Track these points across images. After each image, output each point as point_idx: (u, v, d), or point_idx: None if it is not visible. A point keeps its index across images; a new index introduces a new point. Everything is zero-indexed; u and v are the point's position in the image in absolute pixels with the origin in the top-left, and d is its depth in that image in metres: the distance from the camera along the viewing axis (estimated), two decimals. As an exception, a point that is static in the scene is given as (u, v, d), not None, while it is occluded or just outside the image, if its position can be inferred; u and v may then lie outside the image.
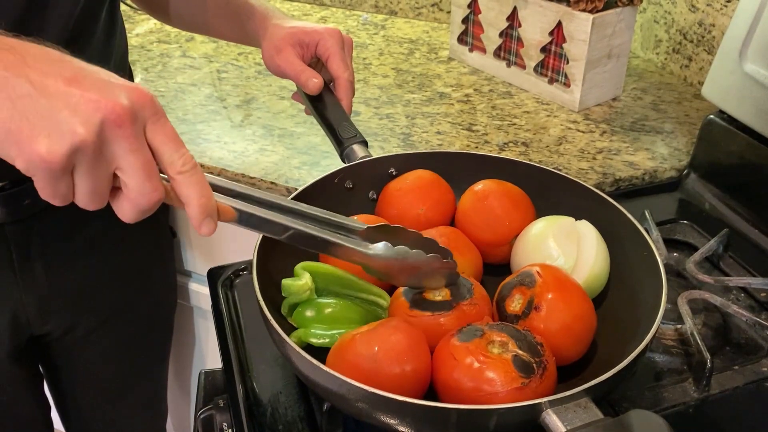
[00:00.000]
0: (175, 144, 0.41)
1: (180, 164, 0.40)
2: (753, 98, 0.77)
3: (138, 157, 0.39)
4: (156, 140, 0.40)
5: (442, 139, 0.95)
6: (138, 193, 0.39)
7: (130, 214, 0.41)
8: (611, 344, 0.57)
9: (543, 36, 1.01)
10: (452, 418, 0.45)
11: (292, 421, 0.58)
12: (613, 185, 0.87)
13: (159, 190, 0.40)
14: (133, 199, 0.40)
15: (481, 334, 0.50)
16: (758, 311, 0.68)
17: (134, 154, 0.39)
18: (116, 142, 0.38)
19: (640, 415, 0.43)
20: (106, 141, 0.38)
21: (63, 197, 0.39)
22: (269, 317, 0.51)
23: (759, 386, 0.60)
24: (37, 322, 0.80)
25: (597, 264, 0.61)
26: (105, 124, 0.38)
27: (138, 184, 0.39)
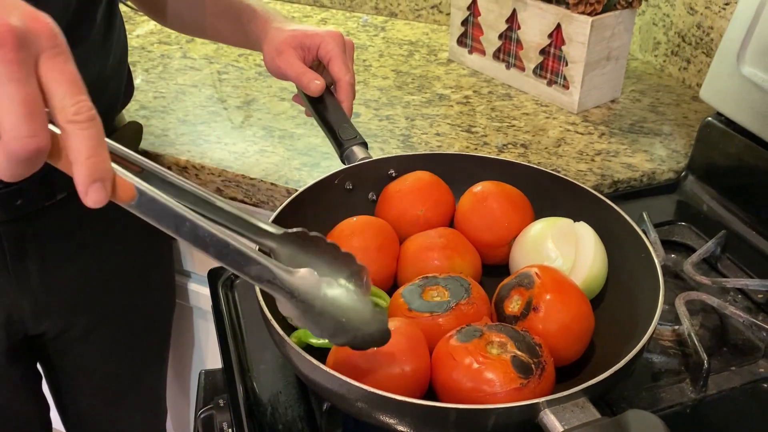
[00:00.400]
0: (72, 87, 0.34)
1: (72, 111, 0.34)
2: (750, 101, 0.77)
3: (17, 88, 0.32)
4: (48, 77, 0.33)
5: (442, 141, 0.95)
6: (12, 136, 0.32)
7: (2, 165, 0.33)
8: (609, 345, 0.57)
9: (542, 38, 1.02)
10: (451, 418, 0.45)
11: (292, 420, 0.58)
12: (612, 187, 0.87)
13: (39, 136, 0.33)
14: (6, 142, 0.32)
15: (480, 335, 0.50)
16: (755, 313, 0.68)
17: (12, 84, 0.32)
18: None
19: (636, 415, 0.43)
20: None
21: None
22: (269, 317, 0.51)
23: (755, 387, 0.60)
24: (32, 322, 0.80)
25: (595, 265, 0.62)
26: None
27: (13, 122, 0.32)
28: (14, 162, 0.33)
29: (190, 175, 0.90)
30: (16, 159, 0.33)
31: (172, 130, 0.96)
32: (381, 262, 0.63)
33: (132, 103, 1.02)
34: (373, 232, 0.64)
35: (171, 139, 0.94)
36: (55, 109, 0.33)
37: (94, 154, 0.34)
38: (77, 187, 0.34)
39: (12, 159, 0.33)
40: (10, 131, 0.32)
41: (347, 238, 0.63)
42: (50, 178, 0.73)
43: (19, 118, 0.32)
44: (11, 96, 0.32)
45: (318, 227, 0.65)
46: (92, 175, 0.34)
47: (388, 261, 0.63)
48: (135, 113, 1.01)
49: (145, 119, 0.99)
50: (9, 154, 0.32)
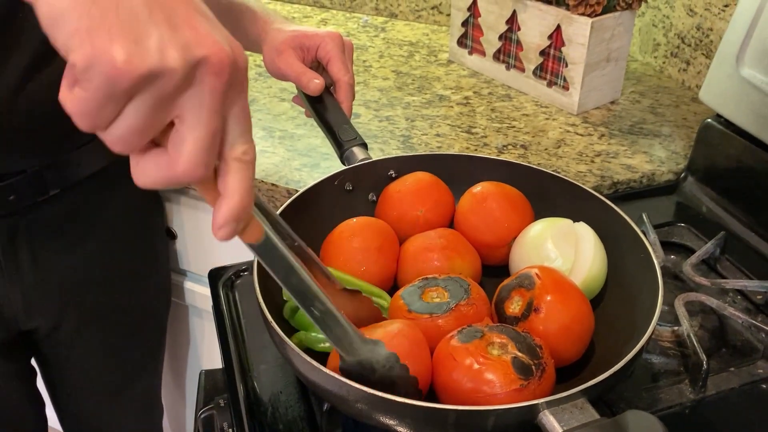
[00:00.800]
0: (247, 126, 0.34)
1: (242, 150, 0.34)
2: (750, 102, 0.77)
3: (213, 119, 0.32)
4: (231, 112, 0.33)
5: (442, 142, 0.95)
6: (185, 161, 0.32)
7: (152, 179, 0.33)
8: (608, 346, 0.57)
9: (542, 39, 1.02)
10: (450, 419, 0.45)
11: (293, 420, 0.58)
12: (611, 188, 0.87)
13: (208, 168, 0.33)
14: (174, 163, 0.32)
15: (481, 336, 0.51)
16: (754, 314, 0.68)
17: (211, 115, 0.32)
18: (201, 92, 0.31)
19: (635, 416, 0.44)
20: (193, 84, 0.31)
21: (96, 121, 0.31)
22: (270, 319, 0.51)
23: (754, 388, 0.61)
24: (24, 317, 0.81)
25: (594, 266, 0.62)
26: (204, 64, 0.31)
27: (192, 149, 0.32)
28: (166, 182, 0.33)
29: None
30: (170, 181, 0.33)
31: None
32: (381, 262, 0.63)
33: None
34: (373, 233, 0.64)
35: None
36: (226, 143, 0.34)
37: (246, 195, 0.34)
38: (216, 219, 0.34)
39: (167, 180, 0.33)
40: (185, 155, 0.32)
41: (347, 239, 0.64)
42: (43, 174, 0.73)
43: (201, 146, 0.32)
44: (203, 124, 0.32)
45: (318, 228, 0.65)
46: (237, 214, 0.34)
47: (389, 262, 0.64)
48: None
49: (146, 120, 0.99)
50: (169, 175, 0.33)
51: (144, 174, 0.33)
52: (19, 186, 0.71)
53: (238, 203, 0.34)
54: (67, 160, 0.75)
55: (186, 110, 0.32)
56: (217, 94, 0.32)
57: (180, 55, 0.30)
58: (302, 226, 0.62)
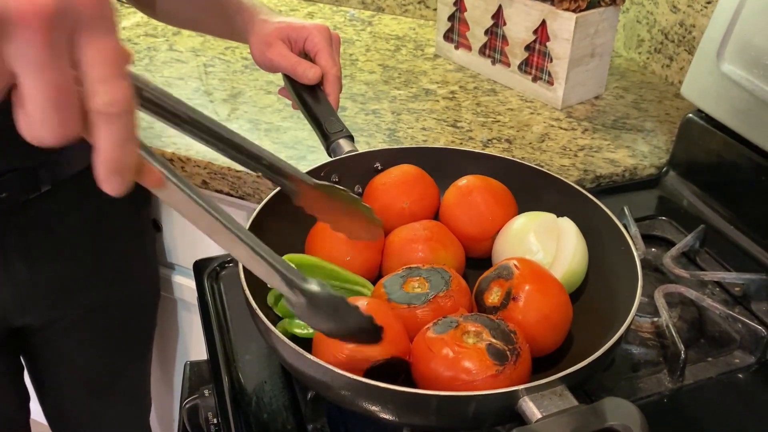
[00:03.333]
0: (108, 69, 0.30)
1: (103, 101, 0.30)
2: (730, 98, 0.79)
3: (45, 74, 0.28)
4: (86, 56, 0.29)
5: (428, 135, 0.96)
6: (38, 121, 0.29)
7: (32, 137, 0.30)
8: (589, 336, 0.58)
9: (527, 34, 1.03)
10: (432, 405, 0.46)
11: (277, 410, 0.59)
12: (594, 182, 0.88)
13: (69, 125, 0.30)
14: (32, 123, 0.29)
15: (456, 325, 0.51)
16: (732, 305, 0.70)
17: (39, 69, 0.28)
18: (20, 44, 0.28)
19: (613, 402, 0.45)
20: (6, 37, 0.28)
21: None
22: (255, 307, 0.52)
23: (731, 377, 0.62)
24: (16, 314, 0.80)
25: (575, 260, 0.63)
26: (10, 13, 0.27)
27: (38, 109, 0.29)
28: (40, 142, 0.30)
29: (176, 167, 0.90)
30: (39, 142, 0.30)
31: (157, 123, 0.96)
32: (366, 253, 0.63)
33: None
34: (358, 224, 0.65)
35: (157, 131, 0.94)
36: (87, 93, 0.30)
37: (118, 147, 0.31)
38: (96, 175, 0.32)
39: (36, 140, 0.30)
40: (35, 116, 0.29)
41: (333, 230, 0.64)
42: (35, 171, 0.73)
43: (44, 107, 0.29)
44: (35, 82, 0.28)
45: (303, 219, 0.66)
46: (111, 166, 0.31)
47: (373, 252, 0.64)
48: (121, 105, 1.00)
49: (132, 111, 0.99)
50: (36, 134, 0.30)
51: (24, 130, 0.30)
52: (12, 183, 0.71)
53: (109, 156, 0.31)
54: (59, 157, 0.75)
55: (16, 68, 0.28)
56: (40, 48, 0.28)
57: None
58: (288, 217, 0.63)
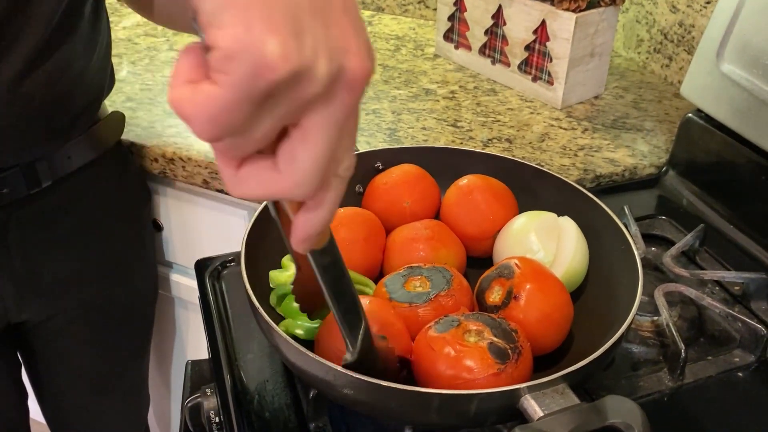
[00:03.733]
0: (354, 142, 0.31)
1: (345, 167, 0.30)
2: (729, 97, 0.79)
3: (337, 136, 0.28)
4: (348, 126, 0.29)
5: (428, 135, 0.96)
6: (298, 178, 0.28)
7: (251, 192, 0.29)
8: (589, 336, 0.58)
9: (527, 34, 1.03)
10: (435, 403, 0.46)
11: (279, 408, 0.59)
12: (594, 181, 0.88)
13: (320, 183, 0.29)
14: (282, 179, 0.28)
15: (458, 324, 0.52)
16: (731, 304, 0.70)
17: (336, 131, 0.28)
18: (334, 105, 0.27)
19: (614, 400, 0.45)
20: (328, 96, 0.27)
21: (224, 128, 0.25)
22: (257, 306, 0.52)
23: (731, 376, 0.62)
24: (15, 310, 0.81)
25: (575, 259, 0.63)
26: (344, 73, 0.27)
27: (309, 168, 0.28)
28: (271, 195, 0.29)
29: (177, 167, 0.91)
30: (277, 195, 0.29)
31: (158, 122, 0.97)
32: (367, 252, 0.64)
33: (119, 95, 1.02)
34: (360, 224, 0.65)
35: (158, 130, 0.94)
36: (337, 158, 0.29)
37: (335, 210, 0.32)
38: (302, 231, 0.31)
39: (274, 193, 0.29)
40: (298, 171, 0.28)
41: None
42: (35, 166, 0.73)
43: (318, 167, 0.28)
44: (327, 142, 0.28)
45: (305, 218, 0.66)
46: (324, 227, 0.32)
47: (375, 252, 0.64)
48: (122, 105, 1.01)
49: (132, 111, 0.99)
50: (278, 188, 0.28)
51: (243, 186, 0.28)
52: (13, 179, 0.72)
53: (327, 218, 0.31)
54: (59, 153, 0.75)
55: (312, 123, 0.27)
56: (348, 110, 0.28)
57: (328, 60, 0.26)
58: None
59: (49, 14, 0.65)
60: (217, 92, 0.24)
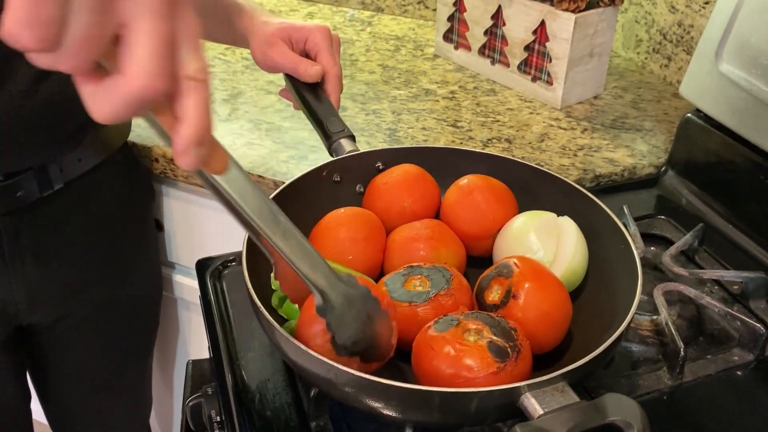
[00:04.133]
0: (198, 43, 0.32)
1: (195, 67, 0.31)
2: (728, 97, 0.79)
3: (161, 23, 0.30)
4: (180, 26, 0.31)
5: (428, 135, 0.96)
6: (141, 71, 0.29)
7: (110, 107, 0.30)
8: (589, 334, 0.59)
9: (527, 34, 1.03)
10: (435, 401, 0.46)
11: (280, 407, 0.59)
12: (593, 181, 0.89)
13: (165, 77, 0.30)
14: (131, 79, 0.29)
15: (457, 323, 0.52)
16: (730, 303, 0.70)
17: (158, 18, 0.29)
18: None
19: (614, 398, 0.45)
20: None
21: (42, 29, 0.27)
22: (258, 305, 0.52)
23: (730, 374, 0.62)
24: (26, 312, 0.81)
25: (575, 259, 0.63)
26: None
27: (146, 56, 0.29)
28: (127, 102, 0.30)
29: (177, 168, 0.91)
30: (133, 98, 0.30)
31: (159, 123, 0.97)
32: (368, 252, 0.64)
33: (119, 96, 1.02)
34: (361, 223, 0.65)
35: (159, 131, 0.95)
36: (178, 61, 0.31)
37: (206, 116, 0.32)
38: (176, 147, 0.32)
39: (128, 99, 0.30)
40: (139, 66, 0.29)
41: (335, 230, 0.64)
42: (47, 169, 0.74)
43: (153, 54, 0.29)
44: (150, 31, 0.29)
45: (306, 218, 0.66)
46: (198, 135, 0.32)
47: (375, 251, 0.65)
48: (122, 105, 1.01)
49: (133, 111, 0.99)
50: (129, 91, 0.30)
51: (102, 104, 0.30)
52: (26, 182, 0.73)
53: (197, 124, 0.32)
54: (70, 155, 0.76)
55: (131, 16, 0.29)
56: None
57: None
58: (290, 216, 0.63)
59: None
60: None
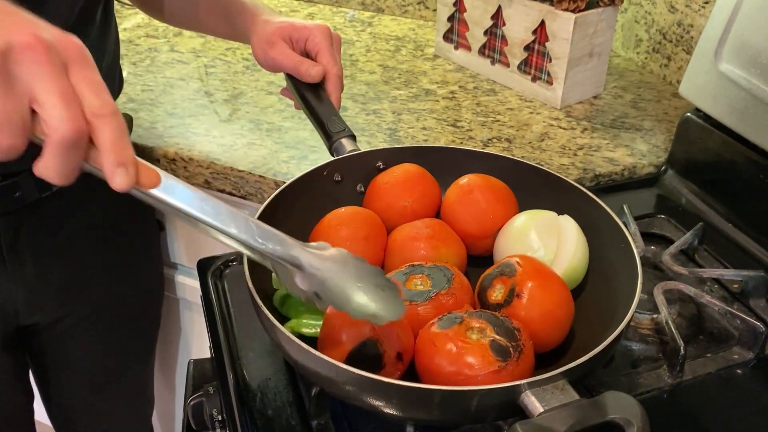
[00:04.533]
0: (97, 88, 0.39)
1: (97, 106, 0.38)
2: (727, 97, 0.79)
3: (55, 82, 0.37)
4: (79, 85, 0.38)
5: (428, 135, 0.96)
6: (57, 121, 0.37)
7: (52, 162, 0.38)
8: (589, 333, 0.59)
9: (526, 34, 1.04)
10: (436, 399, 0.46)
11: (281, 406, 0.59)
12: (593, 180, 0.89)
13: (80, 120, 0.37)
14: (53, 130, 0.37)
15: (460, 321, 0.52)
16: (730, 302, 0.70)
17: (51, 80, 0.37)
18: (28, 66, 0.37)
19: (613, 396, 0.45)
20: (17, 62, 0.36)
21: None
22: (260, 304, 0.52)
23: (729, 372, 0.63)
24: (25, 312, 0.81)
25: (575, 257, 0.63)
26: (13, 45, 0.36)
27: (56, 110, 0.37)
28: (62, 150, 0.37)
29: (178, 168, 0.91)
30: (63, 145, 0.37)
31: (160, 123, 0.97)
32: (369, 251, 0.64)
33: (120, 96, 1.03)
34: (361, 223, 0.65)
35: (159, 131, 0.95)
36: (84, 107, 0.38)
37: (118, 141, 0.39)
38: (105, 174, 0.39)
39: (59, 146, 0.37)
40: (53, 118, 0.37)
41: (335, 229, 0.65)
42: None
43: (61, 105, 0.37)
44: (49, 89, 0.37)
45: (306, 218, 0.66)
46: (117, 159, 0.39)
47: (376, 250, 0.65)
48: (123, 106, 1.01)
49: (134, 112, 1.00)
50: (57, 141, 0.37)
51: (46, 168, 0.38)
52: (25, 182, 0.72)
53: (112, 150, 0.39)
54: None
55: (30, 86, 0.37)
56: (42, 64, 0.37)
57: None
58: (292, 215, 0.64)
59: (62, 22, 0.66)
60: None
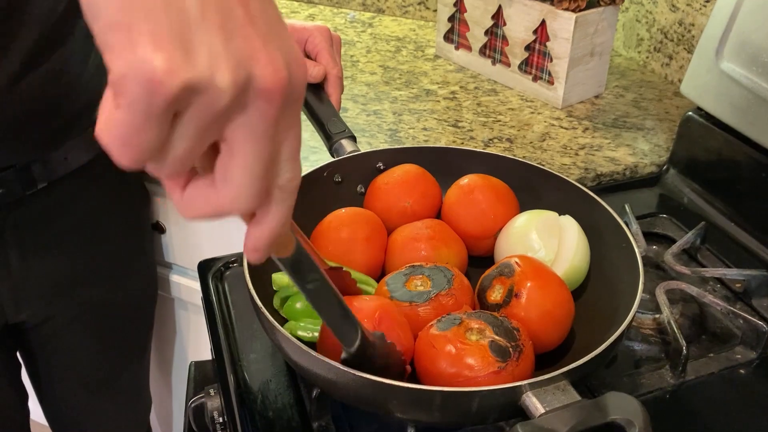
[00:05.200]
0: (296, 152, 0.30)
1: (287, 178, 0.30)
2: (729, 96, 0.79)
3: (264, 147, 0.28)
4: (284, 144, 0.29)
5: (429, 135, 0.96)
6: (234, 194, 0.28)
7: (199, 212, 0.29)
8: (591, 333, 0.59)
9: (527, 34, 1.03)
10: (437, 401, 0.46)
11: (282, 407, 0.59)
12: (595, 180, 0.89)
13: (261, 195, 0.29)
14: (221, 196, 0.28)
15: (460, 323, 0.52)
16: (733, 301, 0.70)
17: (262, 143, 0.28)
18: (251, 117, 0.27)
19: (615, 397, 0.45)
20: (243, 108, 0.27)
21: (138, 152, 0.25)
22: (260, 306, 0.52)
23: (732, 372, 0.62)
24: (12, 310, 0.81)
25: (577, 257, 0.63)
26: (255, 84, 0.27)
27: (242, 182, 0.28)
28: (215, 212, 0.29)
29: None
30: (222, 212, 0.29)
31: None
32: (369, 252, 0.64)
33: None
34: (362, 224, 0.65)
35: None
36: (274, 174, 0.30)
37: (285, 223, 0.32)
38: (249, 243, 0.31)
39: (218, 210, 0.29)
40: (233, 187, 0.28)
41: (336, 229, 0.65)
42: (31, 167, 0.73)
43: (251, 181, 0.28)
44: (252, 153, 0.28)
45: (307, 219, 0.66)
46: (271, 243, 0.32)
47: (376, 251, 0.65)
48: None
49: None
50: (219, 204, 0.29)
51: (190, 207, 0.29)
52: (8, 180, 0.72)
53: (274, 231, 0.31)
54: (55, 154, 0.76)
55: (234, 136, 0.27)
56: (269, 121, 0.28)
57: (230, 71, 0.26)
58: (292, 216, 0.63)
59: (46, 15, 0.65)
60: (120, 116, 0.25)
